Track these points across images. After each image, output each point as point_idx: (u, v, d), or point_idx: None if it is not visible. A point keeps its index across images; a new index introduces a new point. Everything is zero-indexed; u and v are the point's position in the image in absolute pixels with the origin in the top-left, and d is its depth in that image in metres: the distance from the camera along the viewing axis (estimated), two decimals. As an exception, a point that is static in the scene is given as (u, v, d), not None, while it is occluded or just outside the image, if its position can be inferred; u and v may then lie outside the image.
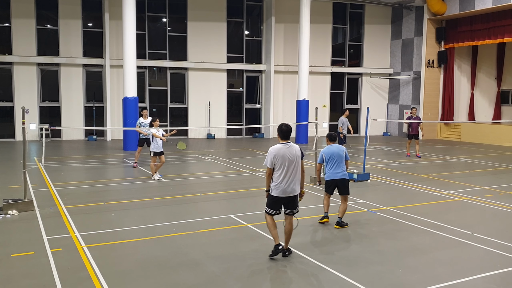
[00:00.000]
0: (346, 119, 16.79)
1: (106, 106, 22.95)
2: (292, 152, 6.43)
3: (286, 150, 6.40)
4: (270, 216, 6.57)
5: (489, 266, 6.34)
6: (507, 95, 27.31)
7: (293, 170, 6.42)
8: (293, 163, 6.41)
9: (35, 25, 22.20)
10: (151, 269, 6.12)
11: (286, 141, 6.48)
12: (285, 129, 6.47)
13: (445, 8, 24.53)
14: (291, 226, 6.59)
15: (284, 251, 6.56)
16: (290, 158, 6.39)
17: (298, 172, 6.53)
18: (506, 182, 12.57)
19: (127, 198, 10.32)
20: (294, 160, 6.42)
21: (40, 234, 7.54)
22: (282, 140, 6.49)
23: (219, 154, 17.93)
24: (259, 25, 26.01)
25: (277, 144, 6.48)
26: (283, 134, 6.47)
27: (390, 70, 27.74)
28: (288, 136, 6.50)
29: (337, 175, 8.31)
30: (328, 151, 8.41)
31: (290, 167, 6.39)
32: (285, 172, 6.37)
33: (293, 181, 6.46)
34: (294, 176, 6.44)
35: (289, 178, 6.40)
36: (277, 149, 6.39)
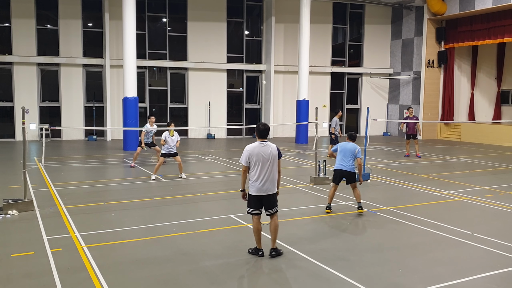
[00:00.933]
0: (338, 120, 17.16)
1: (106, 106, 22.95)
2: (267, 151, 6.46)
3: (261, 149, 6.44)
4: (255, 217, 6.60)
5: (489, 266, 6.34)
6: (507, 95, 27.30)
7: (268, 169, 6.45)
8: (268, 162, 6.43)
9: (35, 25, 22.20)
10: (151, 269, 6.12)
11: (262, 140, 6.52)
12: (262, 128, 6.52)
13: (445, 8, 24.53)
14: (274, 224, 6.61)
15: (271, 251, 6.57)
16: (265, 157, 6.42)
17: (274, 171, 6.54)
18: (506, 182, 12.57)
19: (127, 198, 10.32)
20: (269, 159, 6.44)
21: (40, 234, 7.54)
22: (259, 139, 6.54)
23: (219, 154, 17.93)
24: (259, 25, 26.01)
25: (254, 142, 6.54)
26: (260, 133, 6.53)
27: (390, 70, 27.74)
28: (265, 135, 6.54)
29: (344, 166, 9.04)
30: (343, 145, 9.25)
31: (264, 166, 6.42)
32: (259, 170, 6.41)
33: (268, 180, 6.48)
34: (268, 175, 6.46)
35: (263, 177, 6.43)
36: (253, 147, 6.45)
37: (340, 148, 9.25)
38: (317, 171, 12.28)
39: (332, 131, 17.06)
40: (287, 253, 6.79)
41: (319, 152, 14.01)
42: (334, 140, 17.20)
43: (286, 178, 12.87)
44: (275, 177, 6.56)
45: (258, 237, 6.58)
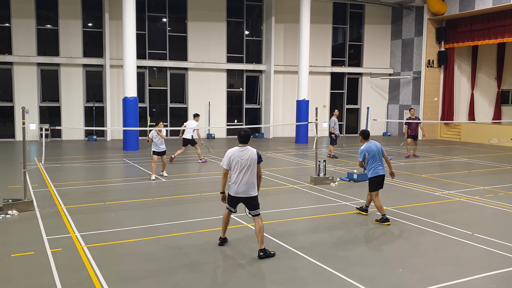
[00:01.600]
0: (336, 119, 17.34)
1: (106, 106, 22.96)
2: (247, 155, 6.69)
3: (241, 153, 6.71)
4: (227, 210, 7.01)
5: (489, 266, 6.34)
6: (507, 95, 27.29)
7: (246, 173, 6.66)
8: (246, 166, 6.66)
9: (35, 25, 22.20)
10: (151, 269, 6.12)
11: (243, 145, 6.78)
12: (243, 134, 6.81)
13: (445, 8, 24.53)
14: (258, 226, 6.71)
15: (258, 252, 6.63)
16: (244, 160, 6.67)
17: (253, 175, 6.72)
18: (506, 182, 12.57)
19: (127, 198, 10.32)
20: (248, 163, 6.66)
21: (40, 234, 7.54)
22: (240, 144, 6.81)
23: (219, 154, 17.92)
24: (259, 25, 26.01)
25: (235, 147, 6.80)
26: (241, 138, 6.81)
27: (390, 70, 27.74)
28: (246, 140, 6.80)
29: (383, 169, 8.62)
30: (369, 148, 8.58)
31: (243, 170, 6.66)
32: (237, 173, 6.68)
33: (245, 183, 6.67)
34: (247, 179, 6.67)
35: (241, 180, 6.67)
36: (233, 151, 6.74)
37: (369, 152, 8.54)
38: (317, 171, 12.27)
39: (332, 130, 17.12)
40: (287, 253, 6.79)
41: (319, 152, 14.02)
42: (334, 139, 17.26)
43: (286, 178, 12.88)
44: (254, 180, 6.74)
45: (224, 226, 7.06)
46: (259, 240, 6.66)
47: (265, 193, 11.03)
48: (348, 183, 12.28)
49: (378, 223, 8.32)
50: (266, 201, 10.28)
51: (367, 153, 8.52)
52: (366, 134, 8.71)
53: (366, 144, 8.60)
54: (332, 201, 10.16)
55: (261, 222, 6.76)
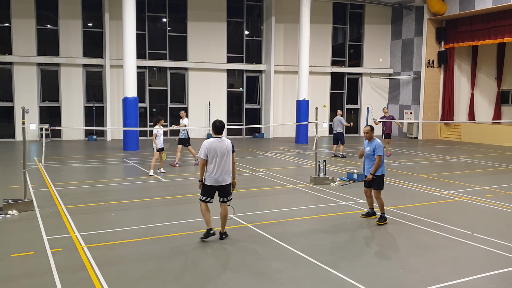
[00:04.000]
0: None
1: (106, 106, 22.96)
2: (224, 146, 7.09)
3: (218, 144, 7.07)
4: (204, 203, 7.25)
5: (489, 266, 6.34)
6: (507, 95, 27.30)
7: (224, 162, 7.06)
8: (224, 156, 7.05)
9: (35, 25, 22.20)
10: (151, 269, 6.12)
11: (219, 136, 7.14)
12: (218, 125, 7.16)
13: (445, 8, 24.53)
14: (225, 212, 7.28)
15: (221, 234, 7.27)
16: (221, 151, 7.05)
17: (229, 163, 7.15)
18: (506, 182, 12.57)
19: (127, 198, 10.32)
20: (225, 153, 7.07)
21: (40, 234, 7.54)
22: (215, 135, 7.15)
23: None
24: (259, 25, 26.01)
25: (211, 138, 7.14)
26: (216, 129, 7.15)
27: (390, 70, 27.74)
28: (221, 131, 7.15)
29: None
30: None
31: (222, 159, 7.03)
32: (217, 163, 7.02)
33: (224, 172, 7.08)
34: (224, 167, 7.07)
35: (221, 169, 7.05)
36: (210, 142, 7.08)
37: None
38: (317, 171, 12.27)
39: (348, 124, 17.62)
40: (287, 253, 6.79)
41: (319, 152, 14.02)
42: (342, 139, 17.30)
43: (286, 178, 12.88)
44: (230, 168, 7.17)
45: (207, 217, 7.24)
46: (223, 225, 7.29)
47: (265, 193, 11.04)
48: (348, 183, 12.27)
49: (380, 223, 8.27)
50: (266, 201, 10.29)
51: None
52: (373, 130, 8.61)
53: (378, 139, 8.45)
54: (332, 201, 10.16)
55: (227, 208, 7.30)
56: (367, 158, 8.49)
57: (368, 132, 8.46)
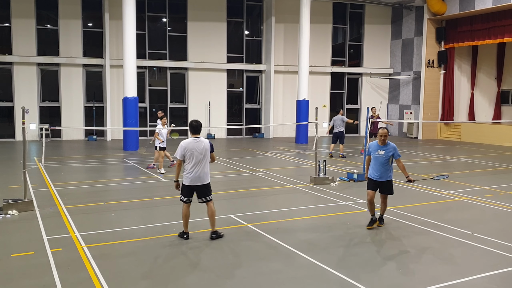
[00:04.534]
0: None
1: (106, 106, 22.96)
2: (201, 146, 7.10)
3: (195, 144, 7.08)
4: (185, 204, 7.29)
5: (489, 266, 6.34)
6: (507, 95, 27.30)
7: (201, 163, 7.08)
8: (201, 156, 7.07)
9: (35, 25, 22.20)
10: (151, 269, 6.12)
11: (196, 136, 7.16)
12: (194, 124, 7.18)
13: (445, 8, 24.53)
14: (211, 211, 7.27)
15: (211, 234, 7.29)
16: (198, 151, 7.06)
17: (206, 164, 7.17)
18: (506, 182, 12.57)
19: (127, 198, 10.32)
20: (202, 153, 7.09)
21: (40, 234, 7.54)
22: (193, 135, 7.17)
23: (219, 154, 17.93)
24: (259, 25, 26.01)
25: (188, 138, 7.16)
26: (193, 129, 7.17)
27: (390, 70, 27.74)
28: (197, 131, 7.18)
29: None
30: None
31: (198, 160, 7.06)
32: (193, 164, 7.05)
33: (201, 173, 7.11)
34: (202, 169, 7.10)
35: (197, 170, 7.07)
36: (187, 143, 7.09)
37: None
38: (317, 171, 12.28)
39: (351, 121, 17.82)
40: (287, 253, 6.79)
41: (319, 152, 14.02)
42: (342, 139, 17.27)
43: (286, 178, 12.88)
44: (208, 169, 7.22)
45: (185, 222, 7.32)
46: (212, 223, 7.27)
47: (265, 193, 11.04)
48: (348, 183, 12.28)
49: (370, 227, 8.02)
50: (266, 201, 10.29)
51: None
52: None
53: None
54: (332, 201, 10.16)
55: (213, 207, 7.30)
56: (380, 163, 7.95)
57: (386, 136, 7.99)
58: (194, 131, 7.15)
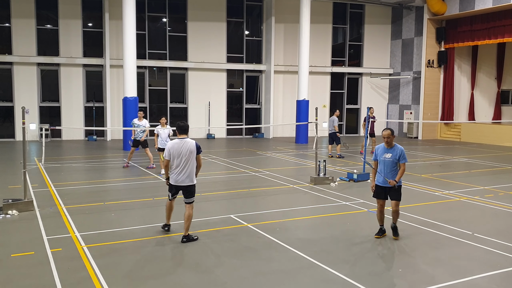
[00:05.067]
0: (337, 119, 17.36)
1: (106, 106, 22.96)
2: (186, 147, 7.18)
3: (179, 145, 7.18)
4: (168, 200, 7.57)
5: (489, 266, 6.34)
6: (507, 95, 27.30)
7: (185, 163, 7.15)
8: (185, 157, 7.14)
9: (35, 25, 22.19)
10: (151, 269, 6.12)
11: (182, 136, 7.27)
12: (181, 124, 7.33)
13: (445, 8, 24.53)
14: (188, 213, 7.28)
15: (182, 238, 7.23)
16: (182, 151, 7.15)
17: (190, 165, 7.20)
18: (506, 182, 12.57)
19: (127, 198, 10.32)
20: (186, 154, 7.15)
21: (40, 234, 7.54)
22: (179, 135, 7.29)
23: (219, 154, 17.93)
24: (259, 25, 26.01)
25: (175, 139, 7.28)
26: (179, 129, 7.31)
27: (390, 70, 27.74)
28: (184, 131, 7.29)
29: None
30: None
31: (181, 161, 7.14)
32: (177, 163, 7.17)
33: (184, 173, 7.18)
34: (184, 168, 7.17)
35: (180, 170, 7.17)
36: (173, 143, 7.25)
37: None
38: (317, 171, 12.28)
39: (336, 129, 17.04)
40: (287, 253, 6.79)
41: (319, 152, 14.02)
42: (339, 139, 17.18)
43: (286, 178, 12.88)
44: (193, 170, 7.25)
45: (168, 214, 7.63)
46: (185, 227, 7.24)
47: (265, 193, 11.04)
48: (348, 183, 12.28)
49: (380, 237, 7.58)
50: (266, 201, 10.29)
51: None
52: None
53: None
54: (332, 201, 10.16)
55: (192, 210, 7.33)
56: (387, 166, 7.47)
57: (389, 137, 7.46)
58: (180, 131, 7.28)
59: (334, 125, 17.10)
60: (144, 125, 14.47)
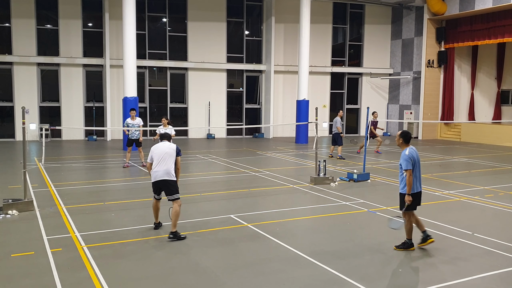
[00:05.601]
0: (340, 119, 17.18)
1: (106, 106, 22.96)
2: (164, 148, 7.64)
3: (162, 146, 7.68)
4: (154, 200, 7.83)
5: (489, 266, 6.34)
6: (507, 95, 27.29)
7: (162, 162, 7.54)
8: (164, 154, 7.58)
9: (35, 25, 22.20)
10: (151, 269, 6.12)
11: (164, 141, 7.82)
12: (163, 133, 7.99)
13: (445, 8, 24.53)
14: (174, 210, 7.46)
15: (169, 234, 7.37)
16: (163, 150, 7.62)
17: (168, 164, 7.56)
18: (506, 182, 12.57)
19: (127, 198, 10.32)
20: (166, 151, 7.61)
21: (40, 234, 7.54)
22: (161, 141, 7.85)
23: (219, 154, 17.93)
24: (259, 25, 26.01)
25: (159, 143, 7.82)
26: (162, 137, 7.90)
27: (390, 70, 27.74)
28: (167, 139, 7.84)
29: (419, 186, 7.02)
30: (415, 154, 6.91)
31: (160, 159, 7.56)
32: (156, 163, 7.61)
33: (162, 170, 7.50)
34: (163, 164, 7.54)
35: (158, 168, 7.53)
36: (156, 146, 7.77)
37: (414, 160, 6.86)
38: (317, 171, 12.27)
39: (339, 130, 16.90)
40: (288, 253, 6.79)
41: (319, 152, 14.02)
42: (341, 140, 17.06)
43: (286, 178, 12.88)
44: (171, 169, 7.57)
45: (155, 213, 7.88)
46: (172, 223, 7.38)
47: (265, 193, 11.04)
48: (348, 183, 12.28)
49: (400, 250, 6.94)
50: (266, 201, 10.29)
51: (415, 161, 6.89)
52: (408, 137, 7.01)
53: (410, 149, 6.90)
54: (332, 201, 10.16)
55: (179, 207, 7.49)
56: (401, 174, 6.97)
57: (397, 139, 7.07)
58: (163, 138, 7.87)
59: (337, 126, 16.96)
60: (138, 123, 14.52)
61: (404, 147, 6.97)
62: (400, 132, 7.10)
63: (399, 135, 7.05)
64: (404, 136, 6.98)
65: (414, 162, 6.81)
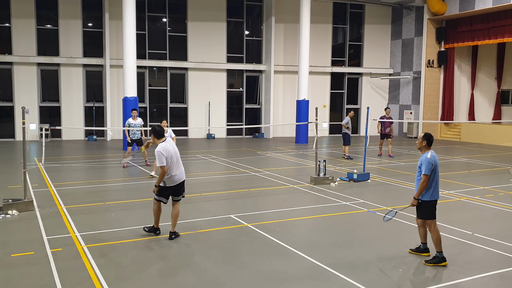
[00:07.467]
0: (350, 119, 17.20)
1: (106, 106, 22.96)
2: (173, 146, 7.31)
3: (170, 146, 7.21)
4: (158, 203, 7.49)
5: (489, 266, 6.34)
6: (507, 95, 27.29)
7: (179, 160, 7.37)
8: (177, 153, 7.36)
9: (35, 25, 22.20)
10: (151, 270, 6.12)
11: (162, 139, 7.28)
12: (158, 129, 7.35)
13: (445, 8, 24.54)
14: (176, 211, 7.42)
15: (170, 234, 7.35)
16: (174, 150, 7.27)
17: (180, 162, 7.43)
18: (506, 182, 12.56)
19: (127, 198, 10.32)
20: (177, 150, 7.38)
21: (40, 234, 7.54)
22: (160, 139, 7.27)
23: (219, 154, 17.93)
24: (259, 25, 26.01)
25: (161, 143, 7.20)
26: (158, 134, 7.29)
27: (390, 70, 27.74)
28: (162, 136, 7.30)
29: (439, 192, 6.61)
30: (436, 159, 6.50)
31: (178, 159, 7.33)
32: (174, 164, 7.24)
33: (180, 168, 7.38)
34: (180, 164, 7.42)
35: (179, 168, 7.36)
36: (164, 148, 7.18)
37: (435, 165, 6.44)
38: (317, 171, 12.28)
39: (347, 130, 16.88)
40: (288, 253, 6.79)
41: (319, 152, 14.02)
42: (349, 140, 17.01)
43: (286, 178, 12.88)
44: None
45: (158, 218, 7.52)
46: (173, 224, 7.38)
47: (265, 193, 11.04)
48: (348, 183, 12.28)
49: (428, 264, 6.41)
50: (266, 201, 10.29)
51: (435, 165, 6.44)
52: (431, 140, 6.59)
53: (432, 153, 6.49)
54: (332, 201, 10.17)
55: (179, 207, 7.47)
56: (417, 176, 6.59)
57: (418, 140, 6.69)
58: (159, 135, 7.27)
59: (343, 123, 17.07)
60: (139, 123, 14.57)
61: (426, 150, 6.58)
62: (423, 134, 6.64)
63: (422, 138, 6.60)
64: (428, 139, 6.57)
65: (434, 167, 6.44)
